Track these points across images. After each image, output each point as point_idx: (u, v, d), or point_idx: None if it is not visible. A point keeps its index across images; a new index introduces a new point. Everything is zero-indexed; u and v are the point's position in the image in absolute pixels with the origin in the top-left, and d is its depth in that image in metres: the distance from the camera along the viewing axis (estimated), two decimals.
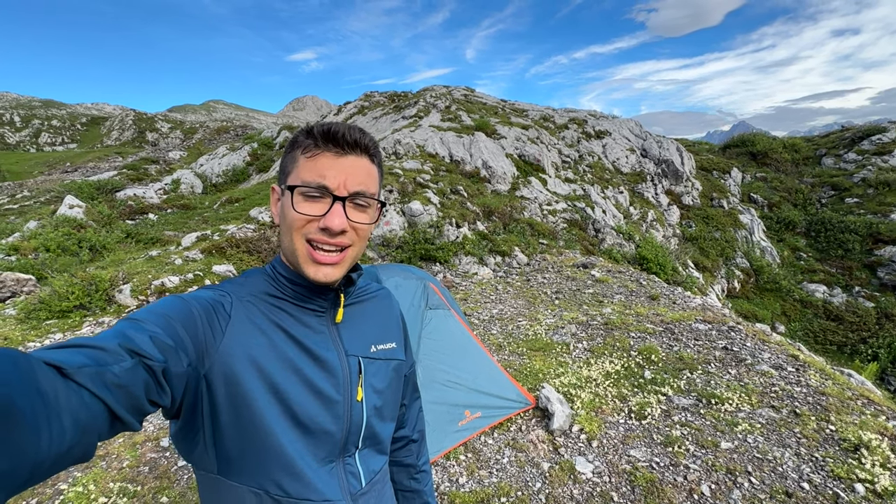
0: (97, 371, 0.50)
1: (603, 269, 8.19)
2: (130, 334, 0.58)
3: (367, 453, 0.88)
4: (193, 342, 0.67)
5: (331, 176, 0.76)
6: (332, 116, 23.96)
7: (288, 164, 0.81)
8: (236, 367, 0.72)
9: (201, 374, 0.69)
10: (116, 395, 0.52)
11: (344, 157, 0.77)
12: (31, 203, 18.22)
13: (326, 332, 0.85)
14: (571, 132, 17.94)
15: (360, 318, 0.93)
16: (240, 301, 0.78)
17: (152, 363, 0.58)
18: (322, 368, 0.81)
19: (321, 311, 0.86)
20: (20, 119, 61.82)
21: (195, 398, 0.70)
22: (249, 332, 0.76)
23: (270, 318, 0.80)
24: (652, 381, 3.88)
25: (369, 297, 0.99)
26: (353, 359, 0.87)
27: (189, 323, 0.68)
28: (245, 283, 0.83)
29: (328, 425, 0.80)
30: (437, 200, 9.90)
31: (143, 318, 0.63)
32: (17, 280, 6.74)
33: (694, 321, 5.16)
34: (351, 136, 0.77)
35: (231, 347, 0.72)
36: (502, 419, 3.30)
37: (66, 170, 33.25)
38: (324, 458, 0.80)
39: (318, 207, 0.76)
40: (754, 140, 21.09)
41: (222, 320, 0.74)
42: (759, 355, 4.19)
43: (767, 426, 3.11)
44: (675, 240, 14.12)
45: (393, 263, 5.88)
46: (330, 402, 0.80)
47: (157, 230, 10.69)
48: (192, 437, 0.73)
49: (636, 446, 3.03)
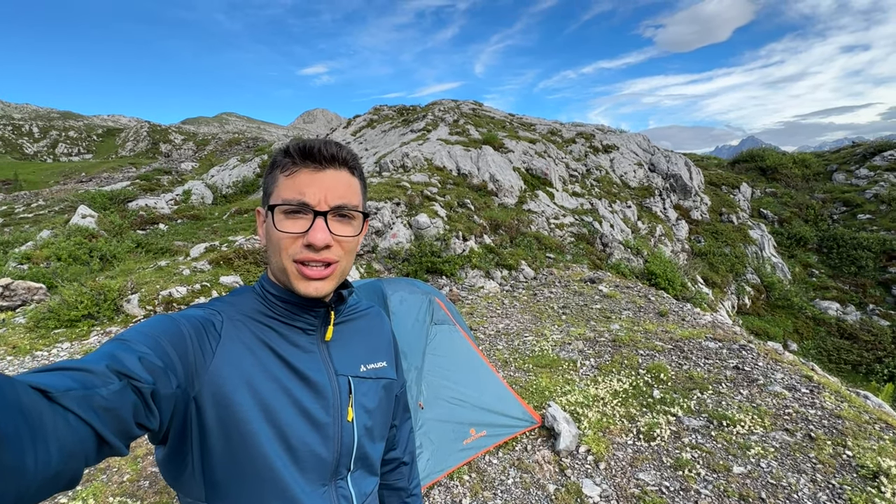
0: (84, 394, 0.49)
1: (611, 284, 8.11)
2: (119, 355, 0.57)
3: (358, 475, 0.86)
4: (183, 363, 0.66)
5: (310, 192, 0.75)
6: (342, 129, 24.27)
7: (269, 185, 0.80)
8: (227, 389, 0.70)
9: (191, 395, 0.67)
10: (104, 418, 0.50)
11: (322, 172, 0.77)
12: (45, 212, 18.56)
13: (316, 351, 0.84)
14: (579, 146, 17.98)
15: (351, 337, 0.92)
16: (230, 320, 0.77)
17: (141, 385, 0.56)
18: (311, 390, 0.79)
19: (311, 330, 0.84)
20: (38, 130, 63.43)
21: (184, 421, 0.68)
22: (240, 352, 0.74)
23: (259, 337, 0.78)
24: (661, 400, 3.80)
25: (360, 315, 0.97)
26: (343, 378, 0.85)
27: (179, 343, 0.67)
28: (235, 302, 0.82)
29: (318, 448, 0.78)
30: (444, 213, 9.92)
31: (131, 339, 0.62)
32: (28, 288, 6.82)
33: (704, 339, 5.07)
34: (328, 151, 0.77)
35: (222, 368, 0.71)
36: (507, 438, 3.23)
37: (81, 180, 33.91)
38: (316, 481, 0.78)
39: (300, 224, 0.75)
40: (764, 155, 20.96)
41: (213, 340, 0.72)
42: (771, 375, 4.09)
43: (781, 450, 3.02)
44: (684, 255, 13.98)
45: (399, 277, 5.88)
46: (319, 425, 0.78)
47: (167, 240, 10.81)
48: (180, 462, 0.71)
49: (645, 469, 2.95)
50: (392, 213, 9.37)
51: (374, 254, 8.67)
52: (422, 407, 2.90)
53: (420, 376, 3.03)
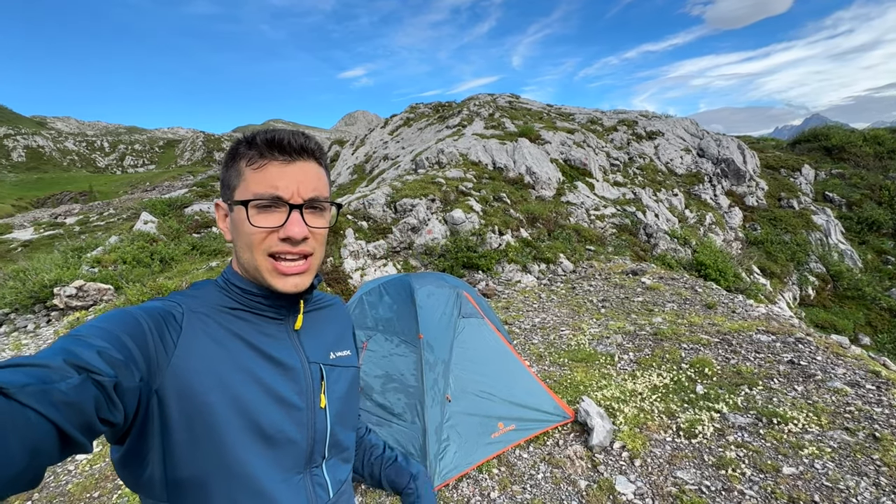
0: (42, 389, 0.47)
1: (654, 276, 7.76)
2: (75, 350, 0.55)
3: (333, 463, 0.87)
4: (144, 355, 0.64)
5: (283, 185, 0.74)
6: (379, 129, 24.68)
7: (232, 178, 0.77)
8: (191, 381, 0.68)
9: (153, 389, 0.65)
10: (65, 413, 0.49)
11: (292, 164, 0.75)
12: (115, 219, 20.23)
13: (287, 339, 0.83)
14: (620, 134, 17.28)
15: (319, 325, 0.92)
16: (192, 312, 0.75)
17: (102, 378, 0.54)
18: (285, 375, 0.79)
19: (280, 319, 0.84)
20: (108, 145, 69.11)
21: (145, 416, 0.65)
22: (204, 343, 0.72)
23: (227, 327, 0.76)
24: (705, 396, 3.60)
25: (325, 305, 0.98)
26: (315, 366, 0.85)
27: (138, 336, 0.64)
28: (197, 295, 0.79)
29: (293, 434, 0.77)
30: (480, 208, 9.87)
31: (85, 334, 0.59)
32: (99, 290, 7.47)
33: (755, 332, 4.74)
34: (296, 142, 0.75)
35: (185, 360, 0.68)
36: (538, 432, 3.18)
37: (146, 189, 36.65)
38: (290, 468, 0.77)
39: (274, 219, 0.74)
40: (829, 133, 19.24)
41: (173, 332, 0.70)
42: (831, 370, 3.77)
43: (840, 451, 2.78)
44: (738, 244, 13.13)
45: (428, 272, 5.92)
46: (293, 409, 0.78)
47: (219, 243, 11.46)
48: (140, 461, 0.67)
49: (684, 467, 2.81)
50: (427, 210, 9.44)
51: (410, 250, 8.78)
52: (449, 400, 2.91)
53: (447, 369, 3.04)
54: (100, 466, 3.39)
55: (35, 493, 3.14)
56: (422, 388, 2.90)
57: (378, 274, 7.85)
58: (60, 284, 7.36)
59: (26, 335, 6.51)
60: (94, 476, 3.27)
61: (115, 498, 2.99)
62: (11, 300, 7.24)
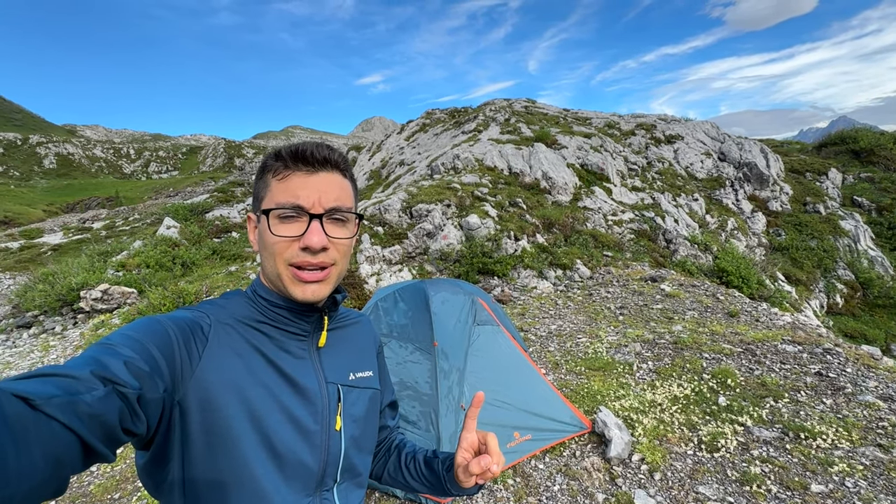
0: (68, 401, 0.48)
1: (674, 283, 7.60)
2: (104, 360, 0.56)
3: (345, 487, 0.84)
4: (169, 367, 0.65)
5: (304, 195, 0.75)
6: (396, 135, 24.87)
7: (260, 189, 0.80)
8: (213, 393, 0.68)
9: (176, 399, 0.66)
10: (89, 425, 0.50)
11: (315, 175, 0.77)
12: (139, 224, 20.79)
13: (307, 358, 0.82)
14: (638, 138, 17.05)
15: (342, 344, 0.91)
16: (219, 323, 0.75)
17: (126, 390, 0.55)
18: (300, 396, 0.78)
19: (303, 336, 0.83)
20: (134, 151, 71.30)
21: (168, 426, 0.66)
22: (229, 355, 0.73)
23: (250, 341, 0.77)
24: (727, 408, 3.49)
25: (351, 323, 0.96)
26: (333, 386, 0.84)
27: (165, 346, 0.65)
28: (226, 305, 0.80)
29: (304, 456, 0.76)
30: (495, 213, 9.83)
31: (116, 343, 0.60)
32: (123, 293, 7.68)
33: (780, 341, 4.59)
34: (320, 154, 0.76)
35: (208, 372, 0.69)
36: (554, 443, 3.13)
37: (170, 194, 37.64)
38: (300, 491, 0.75)
39: (295, 228, 0.75)
40: (857, 136, 18.60)
41: (199, 343, 0.71)
42: (862, 383, 3.62)
43: (872, 468, 2.66)
44: (761, 250, 12.77)
45: (443, 278, 5.91)
46: (307, 433, 0.77)
47: (239, 247, 11.67)
48: (162, 469, 0.68)
49: (706, 482, 2.73)
50: (442, 215, 9.44)
51: (425, 256, 8.79)
52: (463, 408, 2.88)
53: (462, 377, 3.02)
54: (120, 468, 3.46)
55: None
56: (436, 397, 2.89)
57: (393, 279, 7.88)
58: (87, 288, 7.59)
59: (54, 337, 6.72)
60: (115, 478, 3.34)
61: (135, 500, 3.05)
62: (41, 303, 7.48)
